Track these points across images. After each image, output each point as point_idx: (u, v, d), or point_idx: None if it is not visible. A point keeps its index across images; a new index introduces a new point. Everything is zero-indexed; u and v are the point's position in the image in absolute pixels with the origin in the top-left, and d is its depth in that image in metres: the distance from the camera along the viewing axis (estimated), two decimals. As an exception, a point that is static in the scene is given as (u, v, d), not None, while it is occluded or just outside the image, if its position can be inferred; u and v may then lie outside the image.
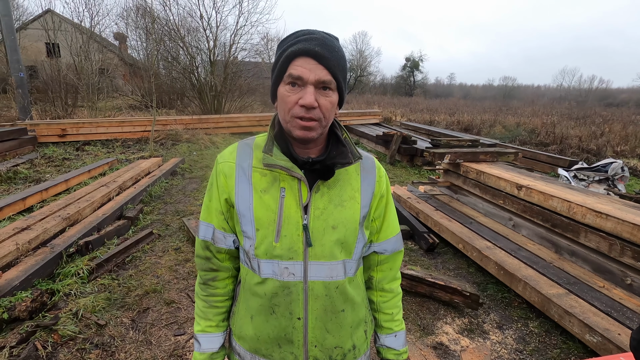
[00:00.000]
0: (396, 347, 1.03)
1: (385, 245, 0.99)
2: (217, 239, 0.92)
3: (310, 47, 0.76)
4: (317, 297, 0.86)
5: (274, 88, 0.83)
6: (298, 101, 0.77)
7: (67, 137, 8.44)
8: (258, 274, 0.86)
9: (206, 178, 6.34)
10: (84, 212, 3.89)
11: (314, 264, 0.85)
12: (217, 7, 13.69)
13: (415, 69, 50.80)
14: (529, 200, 3.43)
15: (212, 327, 0.97)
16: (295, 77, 0.76)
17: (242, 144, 0.93)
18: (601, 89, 53.85)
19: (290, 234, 0.84)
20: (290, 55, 0.77)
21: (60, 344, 2.23)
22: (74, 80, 11.48)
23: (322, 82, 0.77)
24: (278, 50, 0.82)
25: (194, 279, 3.08)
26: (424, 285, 2.88)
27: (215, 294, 0.97)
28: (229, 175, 0.87)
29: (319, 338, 0.88)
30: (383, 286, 1.02)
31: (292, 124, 0.80)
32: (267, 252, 0.84)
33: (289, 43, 0.79)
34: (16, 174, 5.69)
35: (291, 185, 0.85)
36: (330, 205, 0.86)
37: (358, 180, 0.91)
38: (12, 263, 2.82)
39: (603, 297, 2.49)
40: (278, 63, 0.79)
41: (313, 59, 0.76)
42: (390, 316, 1.03)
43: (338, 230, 0.86)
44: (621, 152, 10.01)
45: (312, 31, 0.80)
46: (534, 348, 2.40)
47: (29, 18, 19.64)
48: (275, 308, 0.86)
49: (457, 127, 14.75)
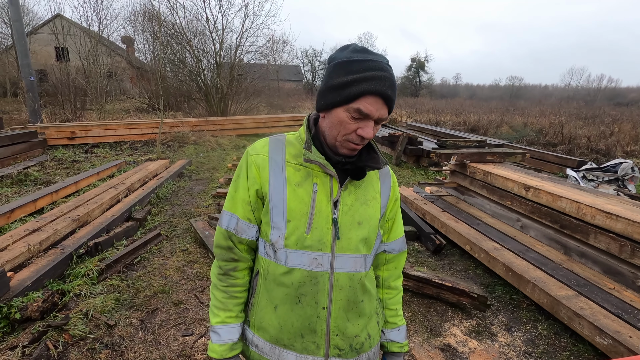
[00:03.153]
0: (399, 340, 1.10)
1: (393, 245, 1.07)
2: (241, 229, 0.95)
3: (384, 91, 0.81)
4: (342, 288, 0.91)
5: (330, 106, 0.86)
6: (356, 130, 0.84)
7: (76, 140, 8.56)
8: (284, 264, 0.90)
9: (213, 179, 6.38)
10: (93, 213, 3.94)
11: (340, 256, 0.90)
12: (223, 10, 13.87)
13: (421, 69, 50.64)
14: (537, 201, 3.40)
15: (232, 318, 0.98)
16: (364, 114, 0.82)
17: (274, 139, 0.97)
18: (610, 88, 53.23)
19: (320, 226, 0.89)
20: (364, 92, 0.80)
21: (71, 343, 2.26)
22: (83, 84, 11.64)
23: (382, 119, 0.85)
24: (343, 72, 0.83)
25: (201, 280, 3.10)
26: (431, 286, 2.87)
27: (236, 284, 0.99)
28: (263, 167, 0.92)
29: (340, 327, 0.92)
30: (389, 284, 1.10)
31: (342, 144, 0.87)
32: (297, 243, 0.89)
33: (362, 75, 0.80)
34: (27, 176, 5.79)
35: (323, 181, 0.91)
36: (357, 202, 0.93)
37: (378, 183, 1.00)
38: (24, 264, 2.86)
39: (613, 299, 2.46)
40: (346, 90, 0.81)
41: (382, 100, 0.82)
42: (395, 312, 1.10)
43: (363, 226, 0.93)
44: (631, 152, 9.87)
45: (382, 65, 0.82)
46: (543, 350, 2.37)
47: (38, 23, 19.99)
48: (302, 297, 0.90)
49: (464, 127, 14.66)
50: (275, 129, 11.63)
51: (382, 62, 0.83)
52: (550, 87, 63.28)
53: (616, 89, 52.01)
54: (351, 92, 0.81)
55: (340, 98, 0.83)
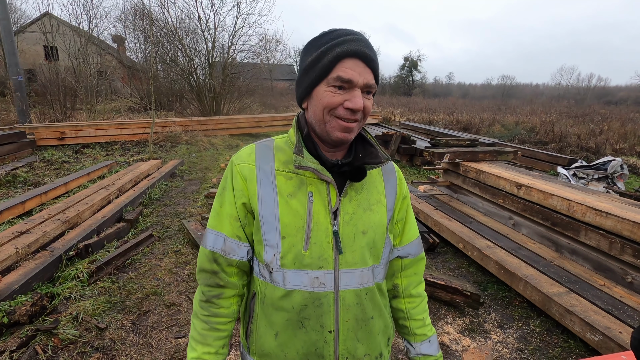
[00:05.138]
0: (433, 353, 0.98)
1: (408, 249, 0.96)
2: (229, 249, 0.84)
3: (360, 49, 0.73)
4: (349, 307, 0.81)
5: (309, 88, 0.78)
6: (343, 103, 0.74)
7: (66, 140, 8.43)
8: (282, 286, 0.80)
9: (206, 180, 6.34)
10: (83, 215, 3.89)
11: (345, 272, 0.80)
12: (215, 9, 13.75)
13: (414, 68, 50.87)
14: (528, 199, 3.43)
15: (211, 355, 0.86)
16: (345, 80, 0.73)
17: (261, 145, 0.87)
18: (599, 86, 54.02)
19: (319, 241, 0.78)
20: (340, 56, 0.73)
21: (61, 347, 2.22)
22: (73, 83, 11.47)
23: (368, 86, 0.76)
24: (313, 48, 0.77)
25: (194, 282, 3.07)
26: (424, 285, 2.87)
27: (219, 314, 0.87)
28: (250, 178, 0.81)
29: (350, 349, 0.83)
30: (410, 292, 0.98)
31: (332, 125, 0.77)
32: (295, 262, 0.78)
33: (334, 42, 0.74)
34: (15, 178, 5.68)
35: (319, 189, 0.80)
36: (359, 209, 0.82)
37: (382, 183, 0.89)
38: (12, 267, 2.81)
39: (604, 296, 2.49)
40: (320, 62, 0.74)
41: (362, 62, 0.74)
42: (422, 322, 0.98)
43: (368, 235, 0.82)
44: (620, 150, 10.03)
45: (351, 31, 0.76)
46: (535, 347, 2.39)
47: (26, 21, 19.64)
48: (305, 322, 0.80)
49: (456, 126, 14.75)
50: (268, 129, 11.59)
51: (352, 30, 0.77)
52: (541, 86, 64.06)
53: (605, 88, 52.82)
54: (325, 62, 0.73)
55: (316, 73, 0.75)
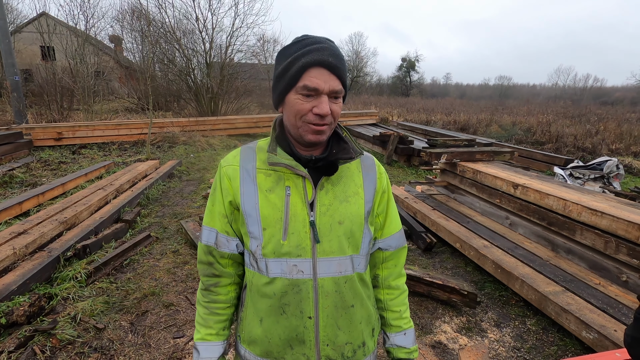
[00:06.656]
0: (407, 346, 1.03)
1: (389, 241, 1.01)
2: (221, 243, 0.93)
3: (324, 59, 0.78)
4: (328, 294, 0.87)
5: (281, 95, 0.85)
6: (312, 109, 0.80)
7: (63, 141, 8.41)
8: (266, 274, 0.87)
9: (204, 180, 6.33)
10: (81, 215, 3.88)
11: (322, 260, 0.86)
12: (212, 9, 13.71)
13: (412, 69, 50.96)
14: (525, 199, 3.46)
15: (212, 336, 0.96)
16: (311, 89, 0.79)
17: (245, 147, 0.95)
18: (596, 87, 54.29)
19: (297, 231, 0.85)
20: (305, 66, 0.78)
21: (59, 348, 2.22)
22: (70, 84, 11.43)
23: (334, 92, 0.81)
24: (284, 57, 0.83)
25: (192, 282, 3.08)
26: (422, 284, 2.89)
27: (217, 301, 0.97)
28: (234, 178, 0.89)
29: (330, 336, 0.88)
30: (390, 283, 1.03)
31: (304, 129, 0.83)
32: (275, 251, 0.85)
33: (300, 52, 0.79)
34: (12, 178, 5.66)
35: (296, 183, 0.87)
36: (335, 201, 0.88)
37: (360, 177, 0.94)
38: (10, 267, 2.80)
39: (599, 294, 2.51)
40: (288, 72, 0.80)
41: (327, 70, 0.79)
42: (399, 314, 1.03)
43: (344, 225, 0.88)
44: (616, 150, 10.09)
45: (319, 39, 0.82)
46: (531, 346, 2.41)
47: (23, 21, 19.52)
48: (286, 307, 0.86)
49: (454, 126, 14.80)
50: (266, 129, 11.57)
51: (321, 38, 0.82)
52: (538, 87, 64.29)
53: (602, 88, 53.07)
54: (293, 72, 0.79)
55: (286, 82, 0.81)
